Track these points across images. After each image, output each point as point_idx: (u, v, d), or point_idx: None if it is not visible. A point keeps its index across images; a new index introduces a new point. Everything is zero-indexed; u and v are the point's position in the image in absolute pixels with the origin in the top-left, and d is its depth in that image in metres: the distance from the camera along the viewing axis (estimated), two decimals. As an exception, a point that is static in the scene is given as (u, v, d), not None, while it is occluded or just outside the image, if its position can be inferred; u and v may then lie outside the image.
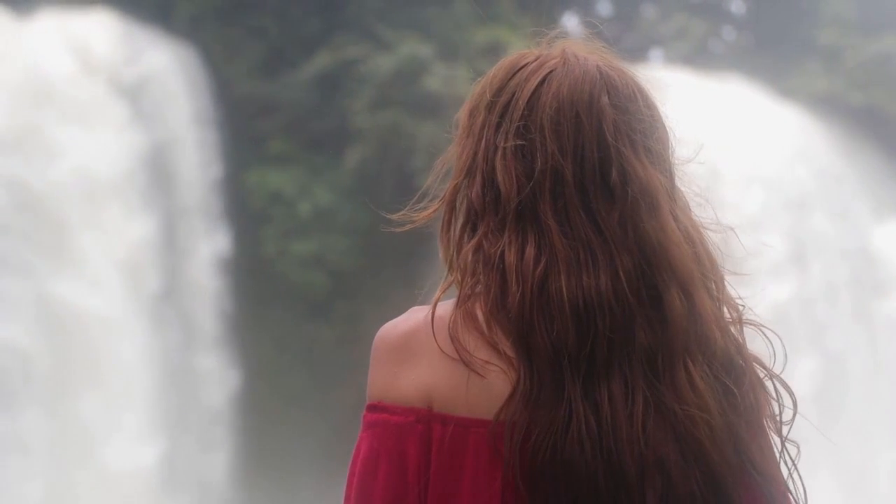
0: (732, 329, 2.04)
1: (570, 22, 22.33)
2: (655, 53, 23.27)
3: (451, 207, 2.07)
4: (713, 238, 2.08)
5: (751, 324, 2.07)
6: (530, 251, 1.97)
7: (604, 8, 23.69)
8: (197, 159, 19.50)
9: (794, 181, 20.13)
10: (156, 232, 18.52)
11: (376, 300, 18.11)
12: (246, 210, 19.58)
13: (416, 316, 2.03)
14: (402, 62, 19.40)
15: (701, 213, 2.08)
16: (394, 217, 2.12)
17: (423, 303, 2.06)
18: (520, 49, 2.11)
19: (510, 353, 1.95)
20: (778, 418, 2.06)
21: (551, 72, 2.05)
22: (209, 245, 19.23)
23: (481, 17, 19.24)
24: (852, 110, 21.37)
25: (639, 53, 22.55)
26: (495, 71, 2.09)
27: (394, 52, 19.56)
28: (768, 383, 2.06)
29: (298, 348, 19.53)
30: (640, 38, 22.92)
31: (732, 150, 19.61)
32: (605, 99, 2.02)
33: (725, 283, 2.06)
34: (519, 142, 2.01)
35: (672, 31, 22.69)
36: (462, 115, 2.10)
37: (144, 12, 19.30)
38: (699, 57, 22.06)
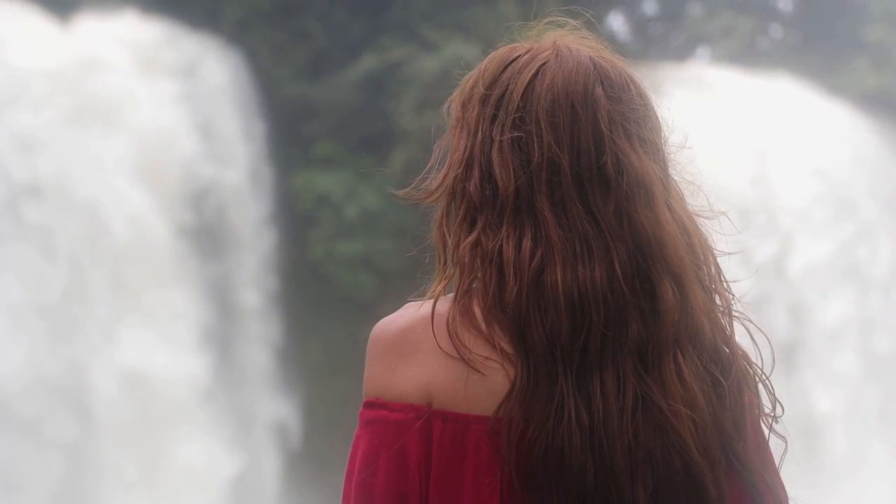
0: (722, 320, 2.03)
1: (616, 21, 22.30)
2: (702, 52, 23.17)
3: (451, 199, 2.06)
4: (706, 224, 2.07)
5: (738, 317, 2.05)
6: (527, 244, 1.96)
7: (649, 7, 23.59)
8: (263, 329, 18.93)
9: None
10: (229, 462, 17.59)
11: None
12: (293, 212, 19.64)
13: (411, 312, 2.02)
14: (448, 63, 19.37)
15: (694, 201, 2.07)
16: (399, 194, 2.14)
17: (414, 298, 2.05)
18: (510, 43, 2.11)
19: (508, 349, 1.93)
20: (764, 413, 2.04)
21: (544, 64, 2.05)
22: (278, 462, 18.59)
23: (526, 16, 19.21)
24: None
25: (685, 52, 22.49)
26: (486, 64, 2.11)
27: (439, 53, 19.56)
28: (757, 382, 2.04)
29: (346, 350, 19.56)
30: (686, 37, 22.83)
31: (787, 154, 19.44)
32: (599, 90, 2.01)
33: (720, 272, 2.04)
34: (515, 134, 2.00)
35: (719, 29, 22.53)
36: (454, 106, 2.10)
37: (192, 17, 19.39)
38: (746, 55, 21.91)
